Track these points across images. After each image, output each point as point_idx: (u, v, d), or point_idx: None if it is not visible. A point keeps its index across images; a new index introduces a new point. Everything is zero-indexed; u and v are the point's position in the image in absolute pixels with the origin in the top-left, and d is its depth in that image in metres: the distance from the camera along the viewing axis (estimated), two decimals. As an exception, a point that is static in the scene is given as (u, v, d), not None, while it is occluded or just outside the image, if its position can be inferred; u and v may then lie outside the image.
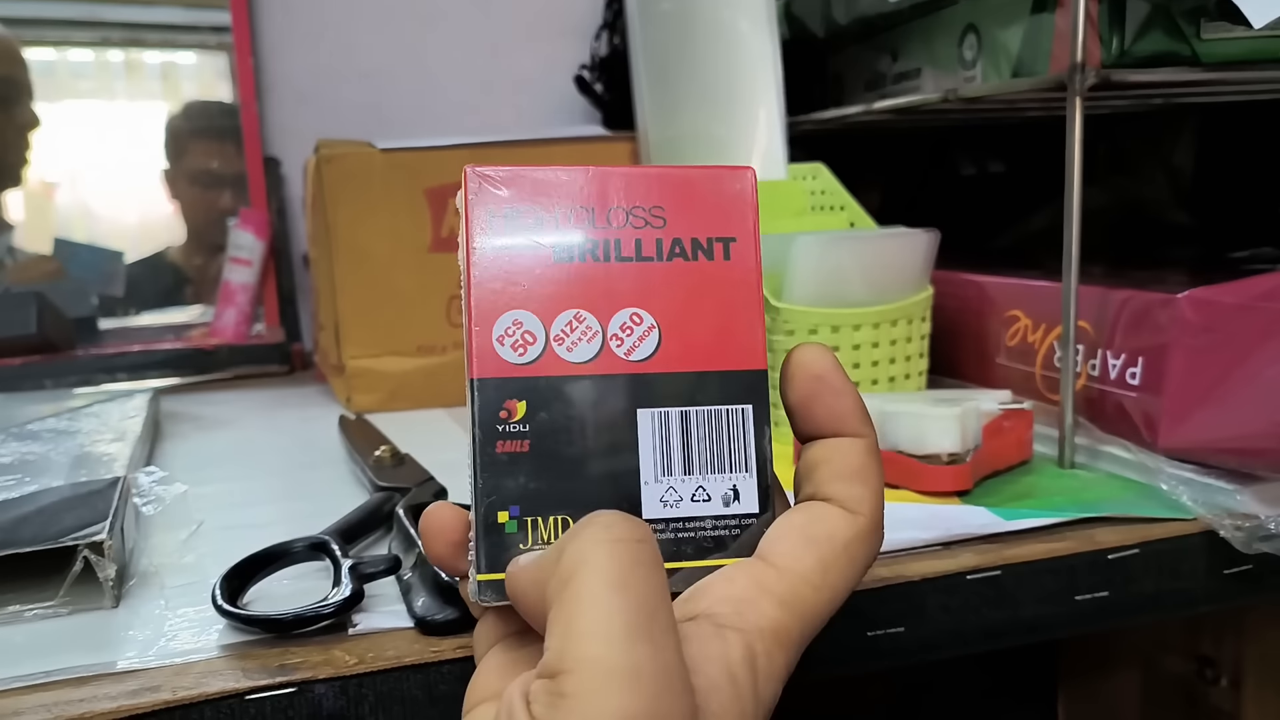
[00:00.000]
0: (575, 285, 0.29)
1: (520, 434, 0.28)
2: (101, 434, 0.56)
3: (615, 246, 0.29)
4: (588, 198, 0.29)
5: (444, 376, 0.69)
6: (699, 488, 0.29)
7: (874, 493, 0.28)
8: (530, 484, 0.28)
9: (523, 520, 0.28)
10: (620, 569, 0.23)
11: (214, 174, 0.93)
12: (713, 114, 0.72)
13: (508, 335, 0.28)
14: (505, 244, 0.29)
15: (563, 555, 0.24)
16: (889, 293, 0.56)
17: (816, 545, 0.27)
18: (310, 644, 0.34)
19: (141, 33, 0.92)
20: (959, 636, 0.39)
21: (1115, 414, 0.48)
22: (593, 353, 0.29)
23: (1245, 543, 0.40)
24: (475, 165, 0.30)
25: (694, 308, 0.29)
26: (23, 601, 0.38)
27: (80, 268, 0.92)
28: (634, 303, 0.29)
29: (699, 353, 0.29)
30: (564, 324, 0.29)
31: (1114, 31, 0.52)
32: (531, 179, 0.29)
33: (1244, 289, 0.45)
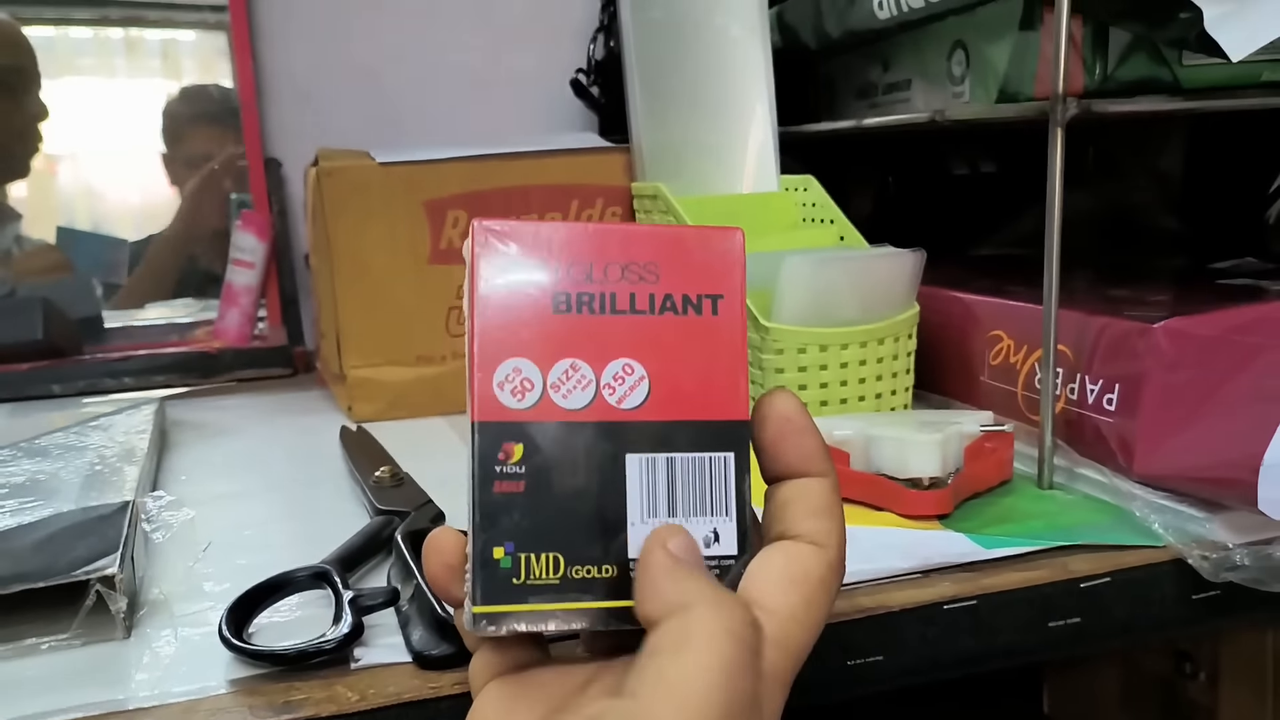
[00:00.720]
0: (572, 336, 0.31)
1: (517, 475, 0.30)
2: (110, 449, 0.58)
3: (611, 300, 0.31)
4: (586, 253, 0.31)
5: (443, 386, 0.71)
6: None
7: (839, 526, 0.31)
8: (524, 522, 0.30)
9: (517, 556, 0.30)
10: (731, 664, 0.26)
11: (210, 156, 0.94)
12: (705, 122, 0.73)
13: (508, 381, 0.30)
14: (508, 295, 0.30)
15: (690, 612, 0.27)
16: (876, 311, 0.58)
17: (798, 585, 0.29)
18: (314, 679, 0.36)
19: (141, 11, 0.92)
20: (936, 664, 0.41)
21: (1093, 437, 0.50)
22: (586, 400, 0.30)
23: (1212, 572, 0.41)
24: (482, 219, 0.31)
25: (682, 360, 0.31)
26: (37, 632, 0.39)
27: (84, 256, 0.93)
28: (626, 354, 0.31)
29: (686, 403, 0.31)
30: (560, 372, 0.30)
31: (1097, 57, 0.53)
32: (534, 234, 0.31)
33: (1218, 321, 0.46)
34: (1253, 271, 0.64)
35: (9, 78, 0.89)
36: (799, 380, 0.56)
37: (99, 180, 0.93)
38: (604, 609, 0.30)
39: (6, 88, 0.89)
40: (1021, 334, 0.55)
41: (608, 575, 0.30)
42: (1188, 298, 0.55)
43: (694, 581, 0.27)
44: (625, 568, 0.30)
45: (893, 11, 0.62)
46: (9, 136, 0.90)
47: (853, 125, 0.68)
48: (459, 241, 0.70)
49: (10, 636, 0.39)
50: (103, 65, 0.91)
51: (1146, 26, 0.48)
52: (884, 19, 0.63)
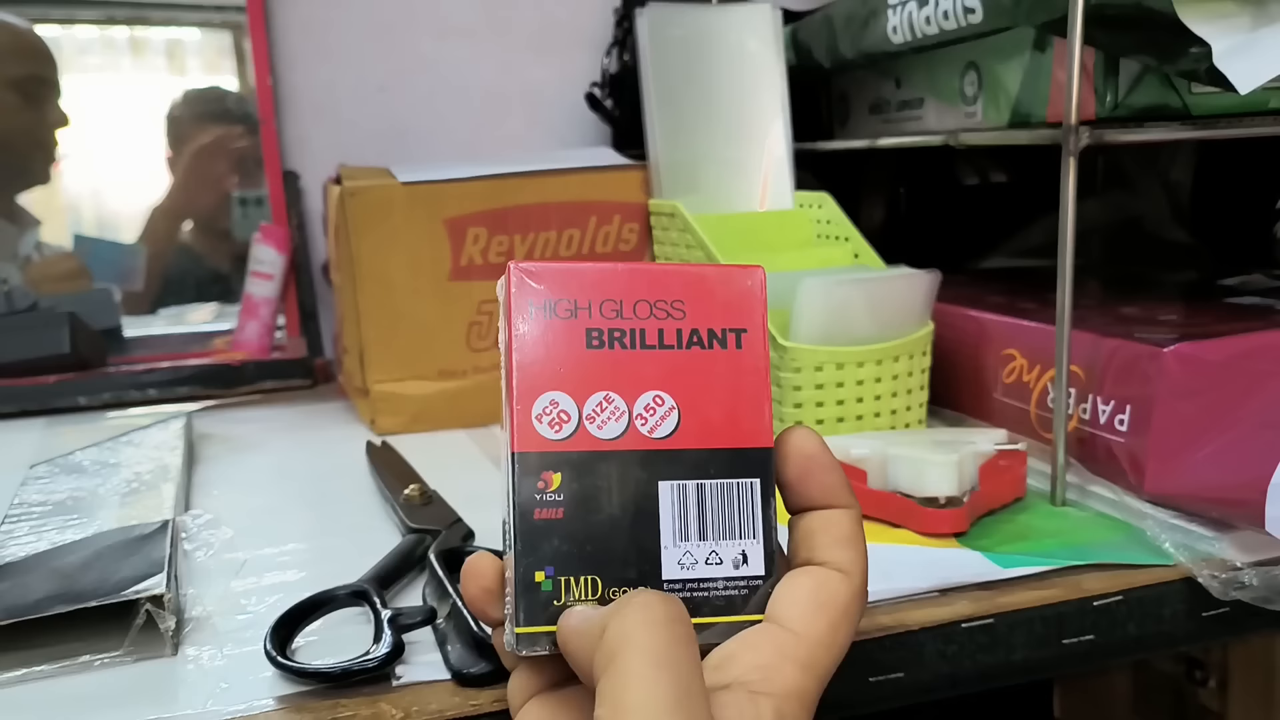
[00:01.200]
0: (605, 370, 0.32)
1: (555, 503, 0.31)
2: (144, 466, 0.59)
3: (641, 336, 0.33)
4: (617, 292, 0.33)
5: (464, 399, 0.72)
6: (712, 552, 0.32)
7: (862, 555, 0.32)
8: (564, 547, 0.31)
9: (557, 580, 0.31)
10: (660, 648, 0.27)
11: (213, 152, 0.95)
12: (722, 139, 0.75)
13: (545, 414, 0.32)
14: (544, 332, 0.32)
15: (607, 630, 0.28)
16: (891, 330, 0.59)
17: (825, 610, 0.31)
18: (358, 695, 0.37)
19: (146, 10, 0.94)
20: (955, 681, 0.42)
21: (1105, 456, 0.51)
22: (620, 430, 0.32)
23: (1221, 591, 0.42)
24: (517, 261, 0.33)
25: (709, 391, 0.33)
26: (87, 649, 0.41)
27: (100, 263, 0.95)
28: (657, 386, 0.32)
29: (713, 432, 0.32)
30: (595, 404, 0.32)
31: (1108, 84, 0.54)
32: (566, 274, 0.33)
33: (1227, 346, 0.47)
34: (1261, 289, 0.65)
35: (31, 86, 0.91)
36: (816, 398, 0.58)
37: (104, 182, 0.94)
38: None
39: (28, 96, 0.91)
40: (1034, 353, 0.57)
41: None
42: (1197, 318, 0.56)
43: (605, 614, 0.28)
44: (659, 588, 0.31)
45: (907, 36, 0.63)
46: (30, 144, 0.92)
47: (867, 144, 0.70)
48: (479, 258, 0.72)
49: (63, 654, 0.40)
50: (108, 64, 0.92)
51: (1157, 59, 0.49)
52: (898, 43, 0.64)
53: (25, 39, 0.90)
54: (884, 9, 0.65)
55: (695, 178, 0.74)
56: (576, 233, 0.74)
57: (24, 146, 0.91)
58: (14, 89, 0.89)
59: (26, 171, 0.92)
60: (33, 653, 0.40)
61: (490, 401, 0.73)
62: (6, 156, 0.91)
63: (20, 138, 0.91)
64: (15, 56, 0.90)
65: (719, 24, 0.75)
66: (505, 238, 0.72)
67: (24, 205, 0.92)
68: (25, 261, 0.92)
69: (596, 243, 0.75)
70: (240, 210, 0.96)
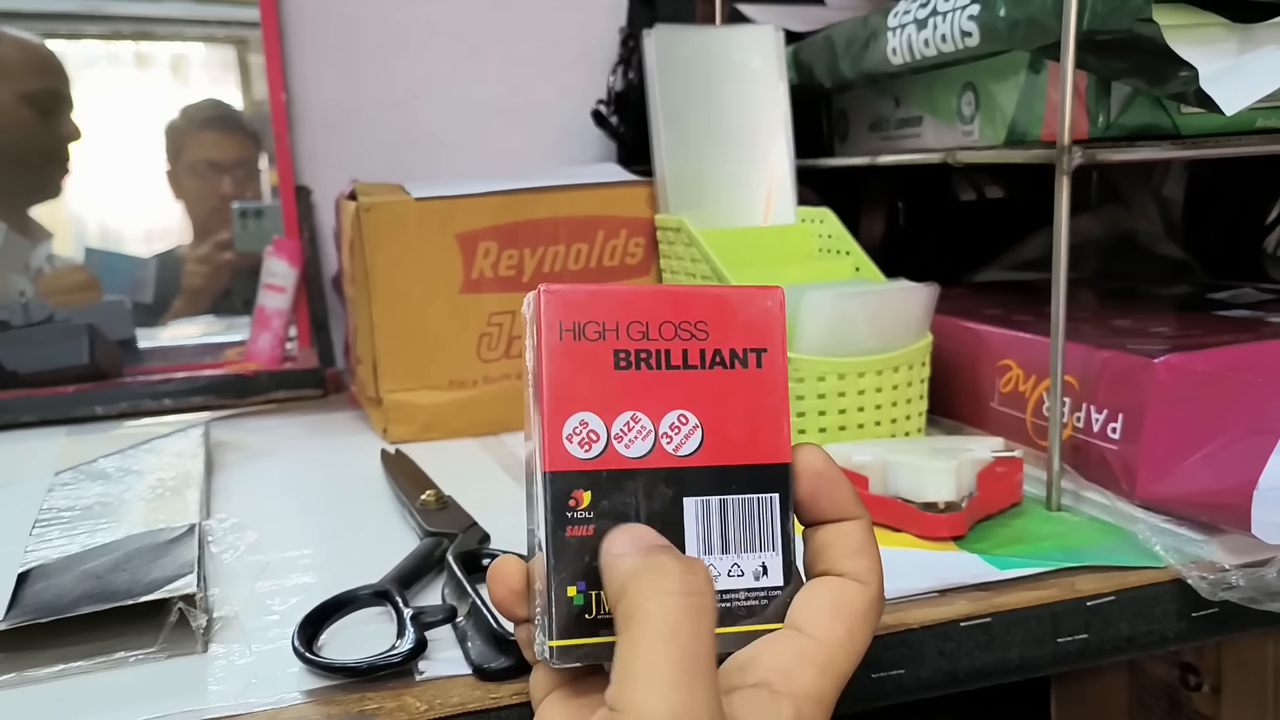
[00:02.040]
0: (632, 390, 0.34)
1: (586, 520, 0.33)
2: (166, 473, 0.61)
3: (665, 356, 0.34)
4: (643, 314, 0.34)
5: (474, 409, 0.74)
6: (734, 564, 0.34)
7: (876, 564, 0.34)
8: (594, 563, 0.32)
9: (588, 594, 0.33)
10: (670, 621, 0.28)
11: (213, 164, 0.97)
12: (726, 156, 0.77)
13: (575, 434, 0.33)
14: (572, 353, 0.33)
15: (625, 594, 0.29)
16: (891, 341, 0.61)
17: (843, 616, 0.33)
18: (383, 689, 0.39)
19: (150, 25, 0.95)
20: (954, 677, 0.44)
21: (1098, 464, 0.53)
22: (646, 449, 0.33)
23: (1210, 591, 0.44)
24: (547, 285, 0.34)
25: (731, 410, 0.34)
26: (121, 646, 0.42)
27: (110, 275, 0.97)
28: (681, 405, 0.34)
29: (735, 449, 0.34)
30: (622, 424, 0.33)
31: (1101, 105, 0.56)
32: (595, 296, 0.34)
33: (1215, 357, 0.49)
34: (1250, 302, 0.67)
35: (44, 100, 0.93)
36: (819, 406, 0.60)
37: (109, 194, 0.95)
38: None
39: (42, 110, 0.93)
40: (1030, 364, 0.59)
41: None
42: (1187, 329, 0.58)
43: (621, 567, 0.30)
44: None
45: (906, 58, 0.65)
46: (43, 158, 0.94)
47: (867, 161, 0.72)
48: (490, 272, 0.74)
49: (98, 651, 0.42)
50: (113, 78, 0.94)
51: (1147, 83, 0.51)
52: (897, 64, 0.66)
53: (39, 54, 0.92)
54: (884, 31, 0.67)
55: (700, 193, 0.76)
56: (584, 247, 0.76)
57: (37, 160, 0.93)
58: (29, 103, 0.91)
59: (39, 185, 0.94)
60: (69, 649, 0.42)
61: (499, 410, 0.75)
62: (20, 170, 0.93)
63: (34, 151, 0.93)
64: (30, 71, 0.92)
65: (724, 44, 0.77)
66: (515, 252, 0.74)
67: (36, 218, 0.94)
68: (37, 274, 0.94)
69: (604, 257, 0.77)
70: (240, 222, 0.98)
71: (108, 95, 0.94)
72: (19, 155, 0.93)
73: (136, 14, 0.94)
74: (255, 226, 0.98)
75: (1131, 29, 0.49)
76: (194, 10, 0.95)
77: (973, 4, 0.58)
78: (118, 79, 0.94)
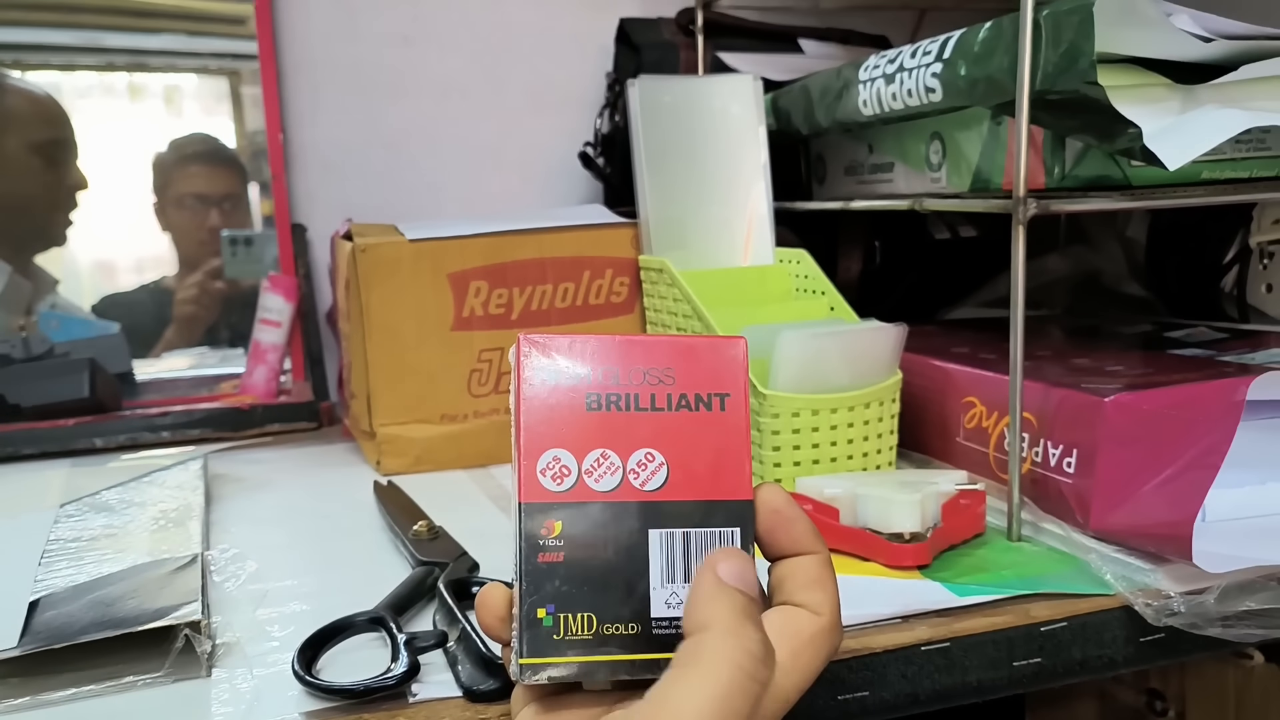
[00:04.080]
0: (602, 430, 0.37)
1: (557, 548, 0.36)
2: (168, 504, 0.63)
3: (635, 400, 0.37)
4: (614, 360, 0.37)
5: (465, 442, 0.77)
6: None
7: (831, 597, 0.36)
8: (564, 587, 0.35)
9: (557, 616, 0.35)
10: (731, 689, 0.31)
11: (200, 196, 1.00)
12: (707, 199, 0.80)
13: (549, 469, 0.36)
14: (548, 395, 0.37)
15: (707, 636, 0.32)
16: (863, 379, 0.64)
17: (788, 639, 0.35)
18: (379, 711, 0.42)
19: (144, 58, 0.98)
20: (915, 698, 0.46)
21: (1055, 496, 0.56)
22: (615, 484, 0.36)
23: (1155, 617, 0.47)
24: (526, 333, 0.37)
25: (695, 449, 0.37)
26: (128, 671, 0.45)
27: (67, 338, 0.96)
28: (648, 444, 0.37)
29: (699, 485, 0.37)
30: (593, 460, 0.36)
31: (1056, 157, 0.60)
32: (570, 345, 0.37)
33: (1162, 397, 0.53)
34: (1203, 341, 0.71)
35: (51, 150, 0.96)
36: (793, 441, 0.63)
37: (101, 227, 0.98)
38: (629, 660, 0.36)
39: (49, 160, 0.96)
40: (992, 401, 0.62)
41: (633, 632, 0.36)
42: (1141, 368, 0.61)
43: (719, 607, 0.33)
44: (648, 625, 0.36)
45: (876, 109, 0.69)
46: (50, 206, 0.96)
47: (841, 206, 0.75)
48: (480, 310, 0.77)
49: (107, 676, 0.44)
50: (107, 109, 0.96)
51: (1096, 139, 0.55)
52: (868, 115, 0.70)
53: (46, 105, 0.95)
54: (855, 83, 0.71)
55: (682, 234, 0.79)
56: (571, 286, 0.79)
57: (44, 208, 0.96)
58: (36, 153, 0.94)
59: (45, 232, 0.97)
60: (79, 674, 0.44)
61: (488, 443, 0.78)
62: (28, 218, 0.96)
63: (41, 200, 0.95)
64: (38, 122, 0.95)
65: (705, 92, 0.80)
66: (505, 290, 0.77)
67: (41, 264, 0.96)
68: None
69: (590, 295, 0.80)
70: (230, 249, 1.00)
71: (102, 127, 0.96)
72: (25, 203, 0.95)
73: (131, 46, 0.97)
74: (245, 254, 1.00)
75: (1079, 90, 0.52)
76: (187, 43, 0.98)
77: (936, 62, 0.62)
78: (112, 111, 0.97)
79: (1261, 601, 0.47)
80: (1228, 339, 0.72)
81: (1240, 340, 0.71)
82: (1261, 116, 0.52)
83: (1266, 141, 0.59)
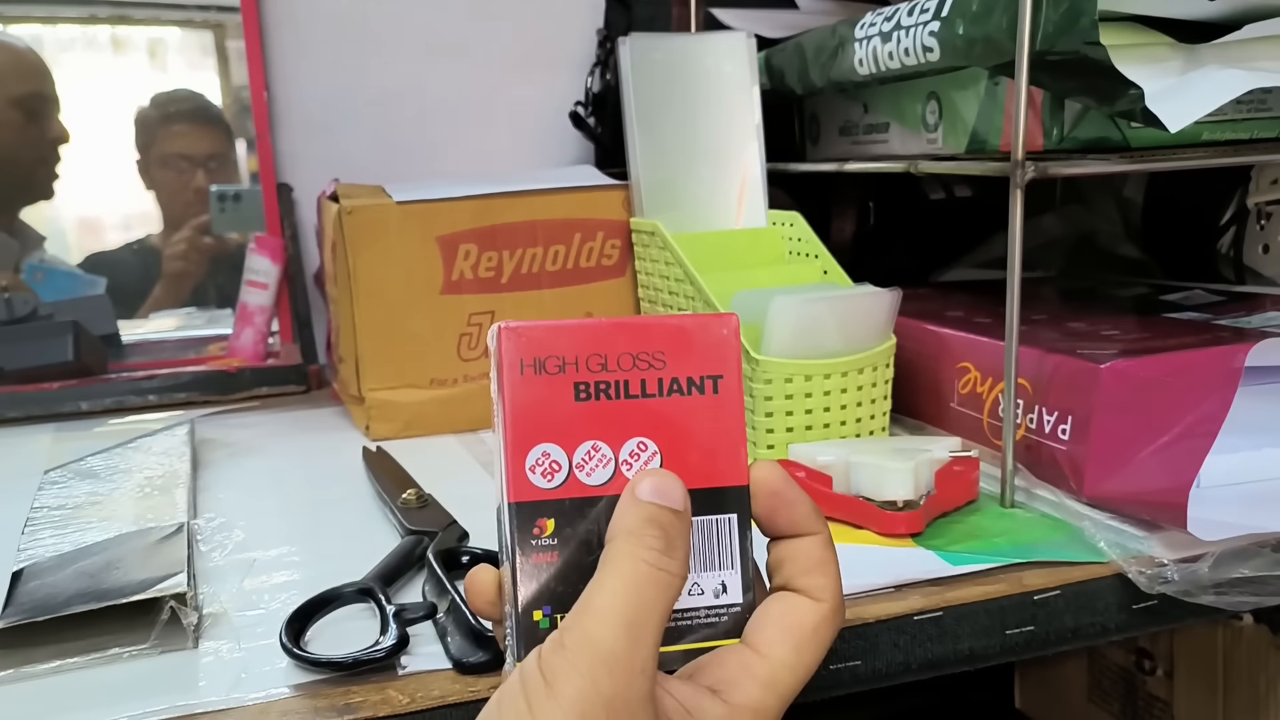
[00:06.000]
0: (592, 420, 0.35)
1: (550, 547, 0.34)
2: (154, 471, 0.63)
3: (625, 387, 0.35)
4: (601, 346, 0.35)
5: (454, 407, 0.76)
6: (694, 584, 0.35)
7: (833, 581, 0.35)
8: (558, 587, 0.34)
9: (553, 617, 0.34)
10: (639, 580, 0.31)
11: (186, 156, 0.98)
12: (700, 161, 0.79)
13: (538, 465, 0.34)
14: (533, 387, 0.35)
15: (613, 542, 0.32)
16: (857, 344, 0.63)
17: (790, 633, 0.34)
18: (367, 683, 0.41)
19: (127, 9, 0.96)
20: (907, 667, 0.46)
21: (1049, 463, 0.56)
22: (607, 477, 0.35)
23: (1148, 585, 0.47)
24: (505, 322, 0.35)
25: (689, 435, 0.35)
26: (113, 643, 0.44)
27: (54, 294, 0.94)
28: (640, 433, 0.35)
29: (694, 473, 0.35)
30: (584, 453, 0.35)
31: (1055, 119, 0.59)
32: (554, 332, 0.35)
33: (1158, 364, 0.52)
34: (1199, 304, 0.70)
35: (33, 104, 0.94)
36: (786, 407, 0.62)
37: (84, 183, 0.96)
38: None
39: (30, 114, 0.94)
40: (987, 367, 0.61)
41: None
42: (1137, 333, 0.60)
43: (626, 518, 0.33)
44: None
45: (872, 68, 0.68)
46: (32, 162, 0.95)
47: (835, 167, 0.74)
48: (469, 273, 0.76)
49: (91, 648, 0.44)
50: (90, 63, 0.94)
51: (1096, 101, 0.53)
52: (864, 74, 0.69)
53: (26, 58, 0.93)
54: (851, 42, 0.69)
55: (674, 196, 0.78)
56: (562, 249, 0.78)
57: (27, 163, 0.94)
58: (17, 107, 0.93)
59: (29, 187, 0.95)
60: (64, 646, 0.44)
61: (479, 408, 0.77)
62: (10, 173, 0.94)
63: (24, 154, 0.94)
64: (17, 75, 0.93)
65: (697, 50, 0.79)
66: (494, 253, 0.76)
67: (26, 221, 0.95)
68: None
69: (581, 258, 0.79)
70: (219, 205, 0.98)
71: (85, 82, 0.94)
72: (9, 159, 0.94)
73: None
74: (234, 209, 0.99)
75: (1080, 50, 0.51)
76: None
77: (934, 20, 0.60)
78: (95, 64, 0.94)
79: (1255, 568, 0.47)
80: (1224, 302, 0.71)
81: (1236, 303, 0.70)
82: (1265, 77, 0.51)
83: (1268, 102, 0.58)
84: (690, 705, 0.32)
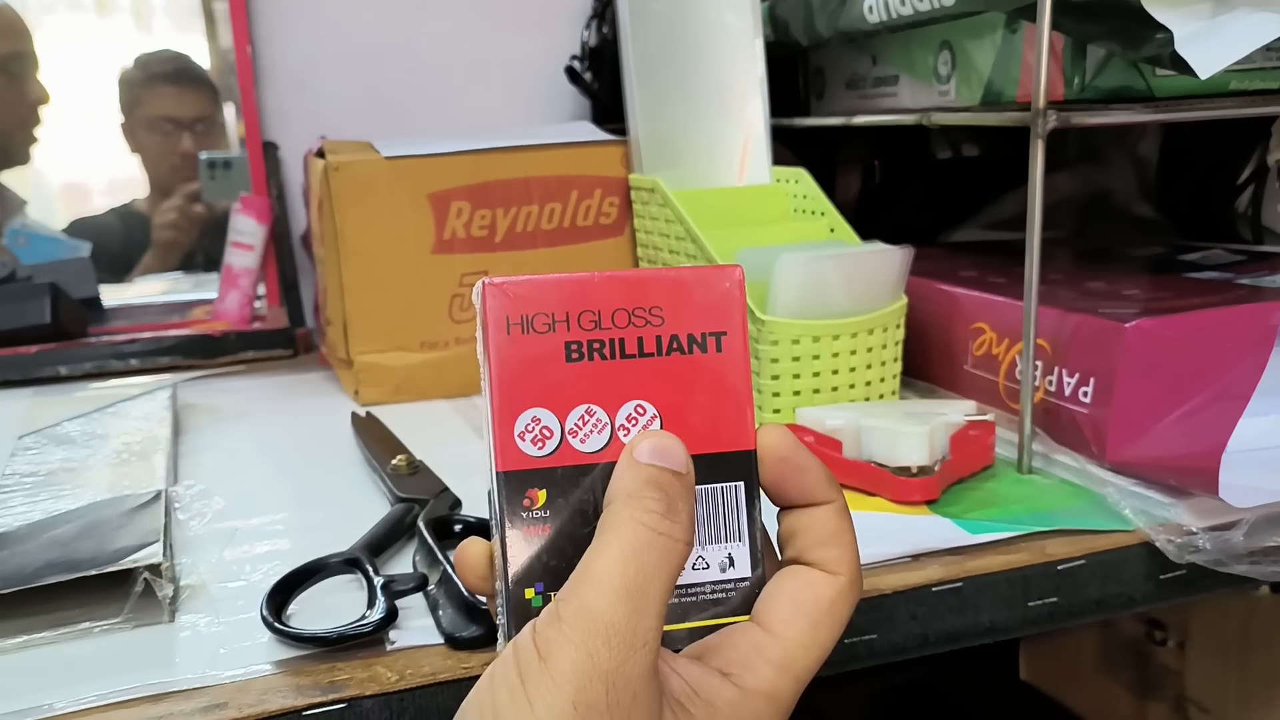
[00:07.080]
0: (586, 383, 0.32)
1: (542, 519, 0.31)
2: (133, 437, 0.60)
3: (620, 345, 0.32)
4: (594, 302, 0.32)
5: (446, 370, 0.73)
6: (699, 557, 0.32)
7: (849, 552, 0.32)
8: (551, 562, 0.31)
9: (546, 595, 0.31)
10: (638, 545, 0.29)
11: (173, 119, 0.96)
12: (701, 115, 0.76)
13: (528, 431, 0.32)
14: (522, 348, 0.32)
15: (611, 506, 0.30)
16: (866, 304, 0.60)
17: (805, 610, 0.31)
18: (354, 659, 0.39)
19: None
20: (925, 640, 0.44)
21: (1069, 427, 0.53)
22: (603, 443, 0.32)
23: (1178, 554, 0.45)
24: (490, 278, 0.32)
25: (690, 397, 0.33)
26: (85, 616, 0.42)
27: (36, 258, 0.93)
28: (638, 395, 0.32)
29: (696, 437, 0.32)
30: (577, 418, 0.32)
31: (1076, 67, 0.56)
32: (543, 287, 0.32)
33: (1185, 323, 0.49)
34: (1220, 264, 0.67)
35: (10, 64, 0.90)
36: (793, 370, 0.59)
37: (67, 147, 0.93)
38: None
39: (8, 75, 0.91)
40: (1003, 327, 0.59)
41: None
42: (1158, 292, 0.58)
43: (624, 481, 0.30)
44: None
45: (883, 16, 0.64)
46: (12, 124, 0.92)
47: (842, 122, 0.71)
48: (462, 232, 0.73)
49: (62, 621, 0.41)
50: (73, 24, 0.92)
51: (1122, 46, 0.50)
52: (874, 22, 0.65)
53: (4, 15, 0.89)
54: (861, -12, 0.66)
55: (675, 152, 0.75)
56: (558, 206, 0.75)
57: (6, 125, 0.91)
58: None
59: (8, 150, 0.92)
60: (33, 620, 0.41)
61: (471, 372, 0.73)
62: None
63: (3, 116, 0.90)
64: None
65: (698, 1, 0.75)
66: (488, 211, 0.73)
67: (6, 184, 0.92)
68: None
69: (578, 216, 0.76)
70: (209, 172, 0.96)
71: (68, 43, 0.91)
72: None
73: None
74: (224, 177, 0.96)
75: (1109, -10, 0.48)
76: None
77: (950, -38, 0.57)
78: (78, 25, 0.92)
79: (1291, 536, 0.45)
80: (1245, 261, 0.68)
81: (1258, 262, 0.68)
82: (1303, 19, 0.48)
83: (1301, 49, 0.55)
84: (699, 687, 0.30)
